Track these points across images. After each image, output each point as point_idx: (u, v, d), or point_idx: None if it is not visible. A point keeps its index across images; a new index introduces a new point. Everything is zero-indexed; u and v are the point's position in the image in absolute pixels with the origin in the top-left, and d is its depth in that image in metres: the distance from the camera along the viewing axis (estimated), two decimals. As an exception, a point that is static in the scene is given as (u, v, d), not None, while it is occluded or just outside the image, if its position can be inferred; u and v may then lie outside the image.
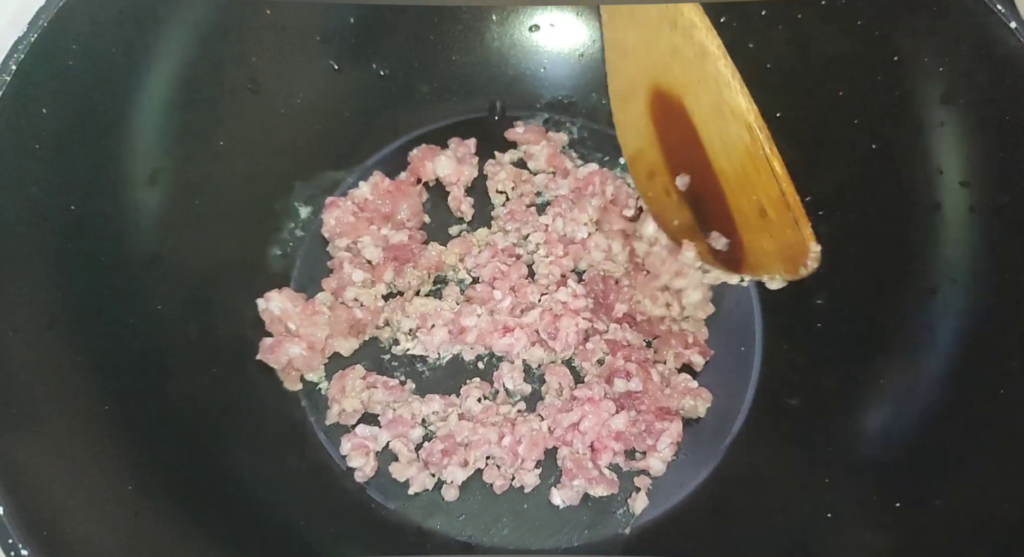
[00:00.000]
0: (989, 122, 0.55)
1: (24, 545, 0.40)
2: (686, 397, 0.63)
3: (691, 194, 0.58)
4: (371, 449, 0.62)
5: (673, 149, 0.57)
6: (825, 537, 0.54)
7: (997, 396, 0.50)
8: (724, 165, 0.55)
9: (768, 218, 0.55)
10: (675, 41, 0.52)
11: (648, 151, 0.58)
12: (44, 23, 0.50)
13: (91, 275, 0.54)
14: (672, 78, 0.53)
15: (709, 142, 0.54)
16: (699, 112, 0.54)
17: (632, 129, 0.58)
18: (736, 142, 0.53)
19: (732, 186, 0.55)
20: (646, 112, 0.56)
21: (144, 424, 0.53)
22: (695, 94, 0.53)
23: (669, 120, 0.56)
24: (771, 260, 0.58)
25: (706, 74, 0.52)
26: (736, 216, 0.57)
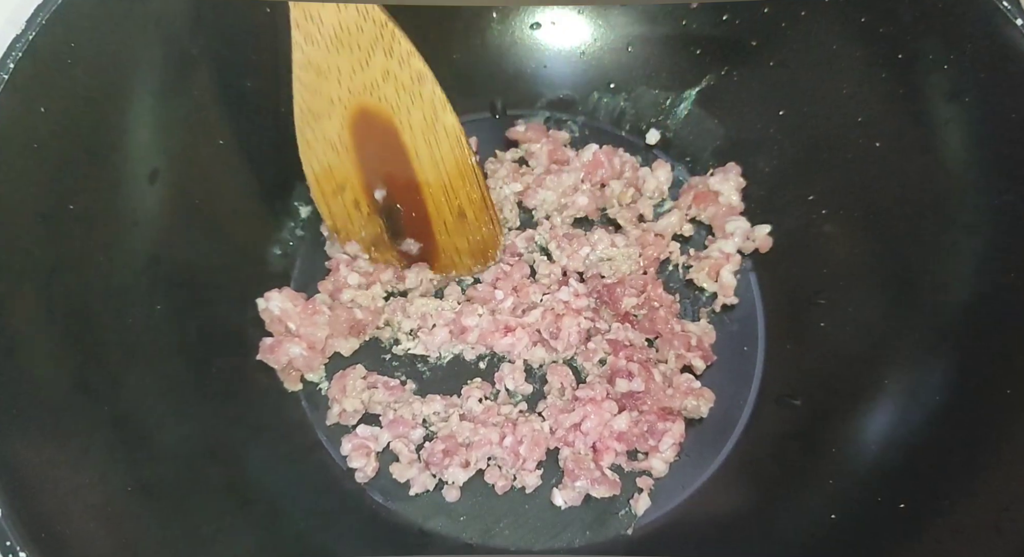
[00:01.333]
0: (994, 120, 0.54)
1: (22, 547, 0.39)
2: (688, 397, 0.62)
3: (385, 206, 0.64)
4: (372, 449, 0.62)
5: (371, 164, 0.62)
6: (829, 538, 0.54)
7: (1003, 396, 0.50)
8: (430, 177, 0.62)
9: (467, 219, 0.64)
10: (390, 66, 0.57)
11: (340, 167, 0.62)
12: (42, 21, 0.49)
13: (90, 275, 0.54)
14: (381, 99, 0.58)
15: (417, 157, 0.61)
16: (410, 130, 0.60)
17: (322, 146, 0.61)
18: (447, 155, 0.60)
19: (435, 195, 0.63)
20: (344, 129, 0.60)
21: (143, 425, 0.53)
22: (408, 114, 0.59)
23: (372, 137, 0.60)
24: (461, 257, 0.67)
25: (422, 96, 0.58)
26: (434, 222, 0.64)
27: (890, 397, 0.57)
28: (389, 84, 0.58)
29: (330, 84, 0.58)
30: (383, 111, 0.59)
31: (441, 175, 0.61)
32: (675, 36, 0.70)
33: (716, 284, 0.68)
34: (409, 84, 0.58)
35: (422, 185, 0.62)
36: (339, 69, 0.57)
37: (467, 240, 0.65)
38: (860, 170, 0.62)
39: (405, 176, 0.62)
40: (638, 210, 0.71)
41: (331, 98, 0.59)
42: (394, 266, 0.67)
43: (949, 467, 0.51)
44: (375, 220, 0.64)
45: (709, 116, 0.72)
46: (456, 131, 0.60)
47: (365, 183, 0.63)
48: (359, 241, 0.66)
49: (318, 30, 0.56)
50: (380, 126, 0.59)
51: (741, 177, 0.69)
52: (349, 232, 0.66)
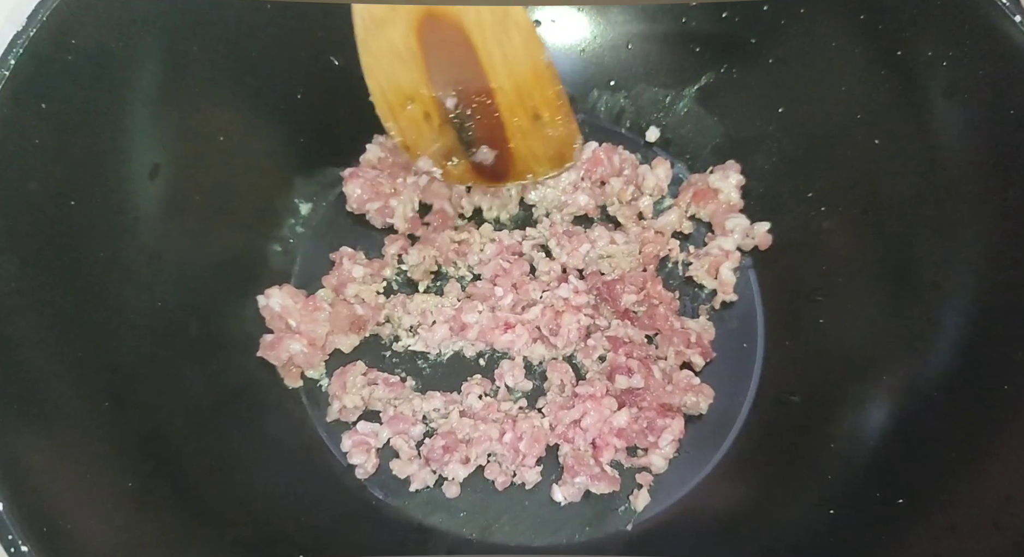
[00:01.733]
0: (992, 117, 0.54)
1: (24, 542, 0.40)
2: (688, 394, 0.63)
3: (457, 115, 0.60)
4: (372, 446, 0.62)
5: (440, 71, 0.58)
6: (828, 534, 0.54)
7: (1000, 391, 0.50)
8: (503, 79, 0.58)
9: (541, 120, 0.61)
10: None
11: (406, 77, 0.58)
12: (43, 18, 0.50)
13: (91, 271, 0.54)
14: (449, 1, 0.55)
15: (488, 59, 0.57)
16: (480, 31, 0.56)
17: (387, 55, 0.57)
18: (519, 53, 0.57)
19: (509, 98, 0.59)
20: (410, 35, 0.56)
21: (144, 421, 0.53)
22: (476, 12, 0.55)
23: (439, 43, 0.57)
24: (538, 162, 0.63)
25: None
26: (509, 127, 0.61)
27: (888, 393, 0.57)
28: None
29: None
30: (450, 11, 0.55)
31: (515, 76, 0.58)
32: (675, 34, 0.70)
33: (715, 281, 0.68)
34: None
35: (495, 89, 0.59)
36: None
37: (543, 142, 0.62)
38: (859, 167, 0.62)
39: (477, 80, 0.58)
40: (638, 208, 0.71)
41: (391, 3, 0.55)
42: (466, 183, 0.63)
43: (947, 463, 0.51)
44: (447, 130, 0.60)
45: (709, 113, 0.72)
46: (528, 26, 0.56)
47: (435, 91, 0.59)
48: (431, 155, 0.62)
49: None
50: (448, 28, 0.56)
51: (740, 174, 0.69)
52: (420, 146, 0.61)
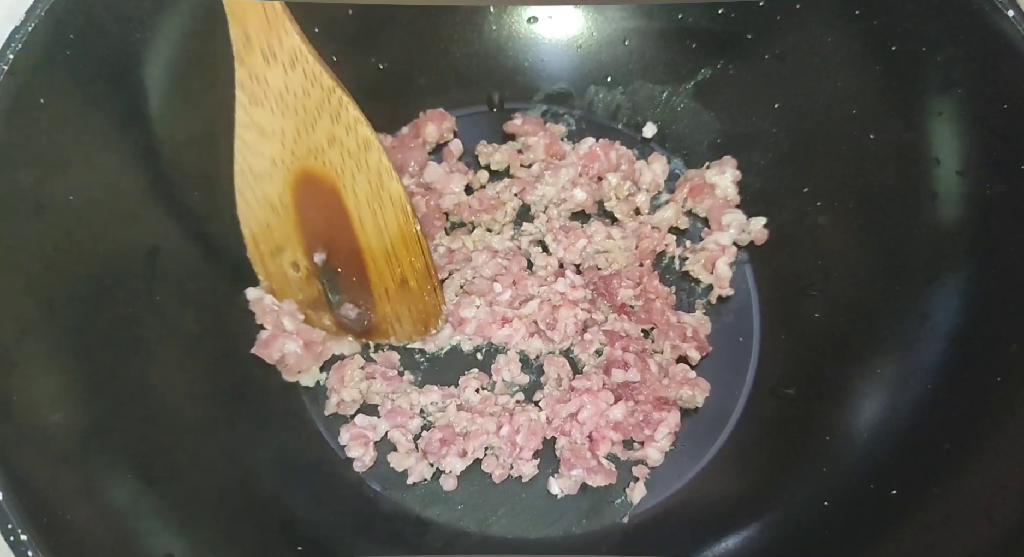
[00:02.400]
0: (987, 111, 0.55)
1: (24, 530, 0.40)
2: (684, 387, 0.63)
3: (325, 270, 0.62)
4: (370, 439, 0.62)
5: (313, 227, 0.61)
6: (823, 525, 0.54)
7: (994, 383, 0.50)
8: (373, 243, 0.61)
9: (408, 287, 0.62)
10: (336, 131, 0.56)
11: (279, 228, 0.61)
12: (41, 13, 0.50)
13: (90, 266, 0.54)
14: (326, 163, 0.57)
15: (359, 223, 0.60)
16: (354, 196, 0.59)
17: (262, 206, 0.60)
18: (391, 222, 0.59)
19: (377, 262, 0.61)
20: (286, 191, 0.59)
21: (143, 413, 0.53)
22: (353, 179, 0.58)
23: (314, 200, 0.59)
24: (401, 325, 0.64)
25: (368, 164, 0.57)
26: (375, 288, 0.62)
27: (882, 386, 0.57)
28: (335, 149, 0.57)
29: (273, 145, 0.57)
30: (327, 175, 0.58)
31: (384, 242, 0.60)
32: (671, 30, 0.70)
33: (712, 276, 0.68)
34: (355, 150, 0.57)
35: (364, 251, 0.61)
36: (283, 131, 0.56)
37: (408, 308, 0.63)
38: (854, 162, 0.63)
39: (347, 241, 0.60)
40: (635, 203, 0.71)
41: (274, 159, 0.58)
42: (326, 332, 0.64)
43: (940, 454, 0.51)
44: (313, 282, 0.62)
45: (705, 109, 0.72)
46: (401, 199, 0.58)
47: (305, 245, 0.61)
48: (296, 302, 0.64)
49: (264, 92, 0.55)
50: (323, 190, 0.58)
51: (737, 170, 0.70)
52: (286, 293, 0.63)
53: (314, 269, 0.62)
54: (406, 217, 0.59)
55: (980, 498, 0.48)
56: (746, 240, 0.69)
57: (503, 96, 0.75)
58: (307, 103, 0.55)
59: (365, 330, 0.64)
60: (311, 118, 0.56)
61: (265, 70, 0.54)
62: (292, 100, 0.55)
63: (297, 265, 0.62)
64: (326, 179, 0.58)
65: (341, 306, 0.63)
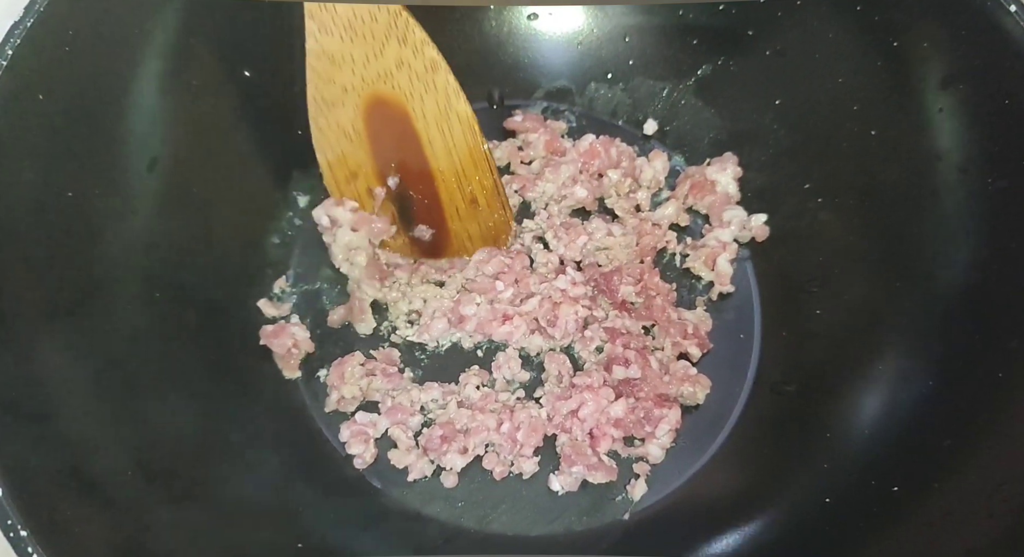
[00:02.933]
0: (988, 107, 0.54)
1: (23, 526, 0.40)
2: (685, 384, 0.63)
3: (398, 194, 0.64)
4: (371, 436, 0.62)
5: (384, 152, 0.63)
6: (823, 522, 0.54)
7: (994, 379, 0.50)
8: (443, 164, 0.63)
9: (478, 206, 0.65)
10: (404, 55, 0.58)
11: (353, 155, 0.63)
12: (40, 8, 0.50)
13: (88, 263, 0.54)
14: (395, 87, 0.59)
15: (430, 144, 0.62)
16: (423, 118, 0.61)
17: (335, 134, 0.62)
18: (460, 143, 0.61)
19: (448, 182, 0.64)
20: (358, 117, 0.61)
21: (142, 410, 0.53)
22: (421, 101, 0.60)
23: (385, 125, 0.61)
24: (473, 243, 0.67)
25: (436, 85, 0.59)
26: (447, 208, 0.65)
27: (883, 382, 0.57)
28: (403, 72, 0.58)
29: (344, 73, 0.58)
30: (396, 99, 0.59)
31: (454, 162, 0.62)
32: (672, 26, 0.70)
33: (712, 273, 0.68)
34: (423, 72, 0.58)
35: (435, 172, 0.63)
36: (353, 58, 0.58)
37: (479, 226, 0.66)
38: (855, 158, 0.63)
39: (418, 163, 0.62)
40: (635, 200, 0.71)
41: (344, 86, 0.59)
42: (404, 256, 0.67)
43: (941, 451, 0.51)
44: (388, 206, 0.65)
45: (706, 106, 0.72)
46: (469, 119, 0.60)
47: (378, 171, 0.63)
48: (373, 225, 0.66)
49: (332, 19, 0.56)
50: (393, 114, 0.60)
51: (738, 166, 0.70)
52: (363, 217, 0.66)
53: (388, 193, 0.64)
54: (474, 136, 0.61)
55: (981, 494, 0.48)
56: (747, 237, 0.69)
57: (503, 93, 0.75)
58: (375, 28, 0.56)
59: (439, 250, 0.67)
60: (379, 43, 0.57)
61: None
62: (360, 26, 0.56)
63: (371, 191, 0.64)
64: (396, 103, 0.60)
65: (415, 227, 0.65)
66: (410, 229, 0.66)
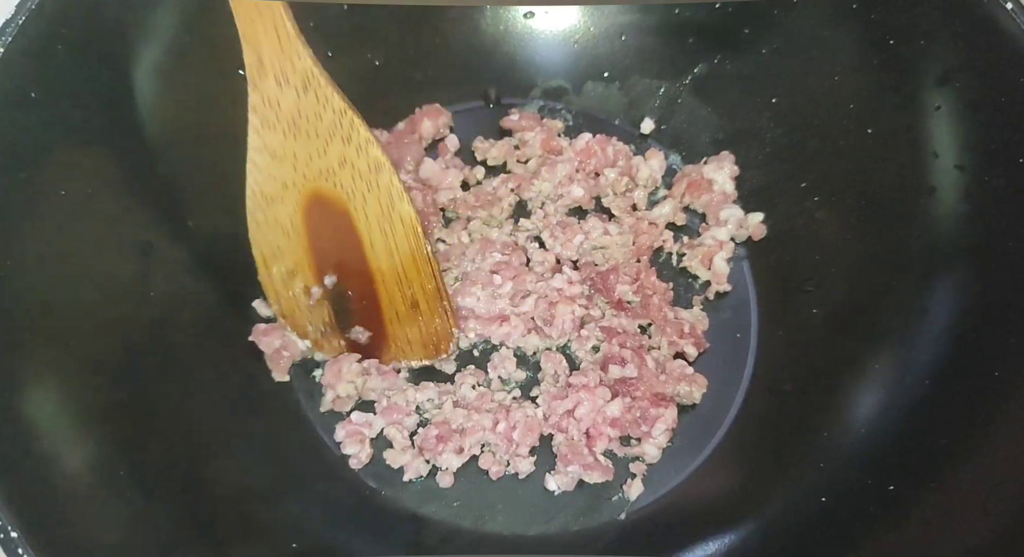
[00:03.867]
0: (985, 105, 0.54)
1: (14, 528, 0.40)
2: (681, 383, 0.63)
3: (336, 293, 0.62)
4: (366, 436, 0.62)
5: (323, 250, 0.61)
6: (820, 521, 0.54)
7: (992, 378, 0.50)
8: (384, 265, 0.60)
9: (419, 310, 0.62)
10: (347, 153, 0.56)
11: (291, 251, 0.61)
12: (32, 6, 0.49)
13: (83, 263, 0.54)
14: (337, 185, 0.58)
15: (371, 245, 0.60)
16: (365, 218, 0.59)
17: (273, 229, 0.60)
18: (402, 244, 0.59)
19: (388, 284, 0.61)
20: (297, 213, 0.59)
21: (136, 410, 0.53)
22: (364, 201, 0.58)
23: (325, 223, 0.59)
24: (414, 347, 0.64)
25: (379, 185, 0.58)
26: (386, 311, 0.62)
27: (879, 382, 0.57)
28: (346, 171, 0.57)
29: (285, 169, 0.57)
30: (338, 197, 0.58)
31: (395, 264, 0.60)
32: (668, 24, 0.70)
33: (709, 272, 0.68)
34: (366, 172, 0.57)
35: (375, 273, 0.61)
36: (295, 155, 0.57)
37: (419, 331, 0.63)
38: (852, 157, 0.63)
39: (357, 263, 0.60)
40: (632, 199, 0.71)
41: (285, 182, 0.58)
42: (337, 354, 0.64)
43: (937, 450, 0.51)
44: (324, 306, 0.62)
45: (703, 104, 0.72)
46: (412, 220, 0.58)
47: (316, 268, 0.61)
48: (303, 328, 0.63)
49: (276, 116, 0.55)
50: (334, 212, 0.58)
51: (735, 165, 0.70)
52: (296, 317, 0.63)
53: (325, 293, 0.62)
54: (417, 238, 0.59)
55: (977, 493, 0.48)
56: (744, 236, 0.69)
57: (499, 92, 0.75)
58: (319, 126, 0.55)
59: (376, 352, 0.64)
60: (323, 141, 0.56)
61: (278, 94, 0.55)
62: (304, 123, 0.55)
63: (308, 289, 0.62)
64: (337, 201, 0.58)
65: (351, 329, 0.63)
66: (347, 330, 0.63)
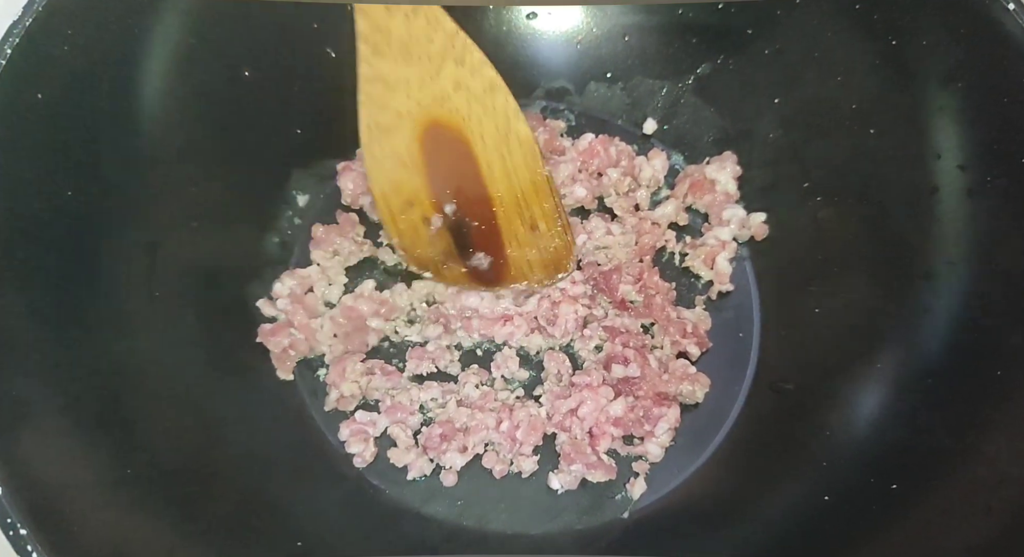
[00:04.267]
0: (987, 105, 0.54)
1: (23, 525, 0.40)
2: (684, 383, 0.63)
3: (455, 222, 0.61)
4: (370, 435, 0.62)
5: (441, 179, 0.60)
6: (823, 520, 0.54)
7: (993, 376, 0.50)
8: (502, 189, 0.60)
9: (538, 231, 0.61)
10: (460, 76, 0.55)
11: (408, 183, 0.60)
12: (39, 8, 0.50)
13: (88, 263, 0.54)
14: (452, 110, 0.56)
15: (488, 169, 0.59)
16: (482, 141, 0.58)
17: (391, 162, 0.59)
18: (520, 166, 0.59)
19: (507, 208, 0.61)
20: (413, 143, 0.58)
21: (141, 408, 0.53)
22: (480, 124, 0.57)
23: (442, 151, 0.58)
24: (533, 270, 0.63)
25: (495, 106, 0.57)
26: (505, 235, 0.62)
27: (882, 380, 0.57)
28: (460, 95, 0.56)
29: (398, 97, 0.56)
30: (454, 122, 0.57)
31: (513, 187, 0.60)
32: (671, 25, 0.70)
33: (712, 271, 0.68)
34: (481, 94, 0.56)
35: (493, 198, 0.60)
36: (408, 81, 0.55)
37: (539, 252, 0.62)
38: (855, 157, 0.63)
39: (476, 189, 0.60)
40: (635, 199, 0.71)
41: (399, 111, 0.57)
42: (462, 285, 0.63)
43: (940, 449, 0.51)
44: (444, 235, 0.61)
45: (705, 105, 0.72)
46: (530, 141, 0.57)
47: (435, 198, 0.60)
48: (424, 260, 0.62)
49: (386, 42, 0.54)
50: (450, 138, 0.58)
51: (737, 165, 0.70)
52: (417, 249, 0.62)
53: (445, 221, 0.61)
54: (535, 159, 0.58)
55: (980, 492, 0.48)
56: (746, 235, 0.69)
57: (503, 92, 0.75)
58: (430, 49, 0.54)
59: (498, 278, 0.63)
60: (435, 65, 0.55)
61: (387, 19, 0.53)
62: (415, 47, 0.54)
63: (427, 219, 0.61)
64: (453, 127, 0.57)
65: (472, 256, 0.62)
66: (467, 258, 0.62)
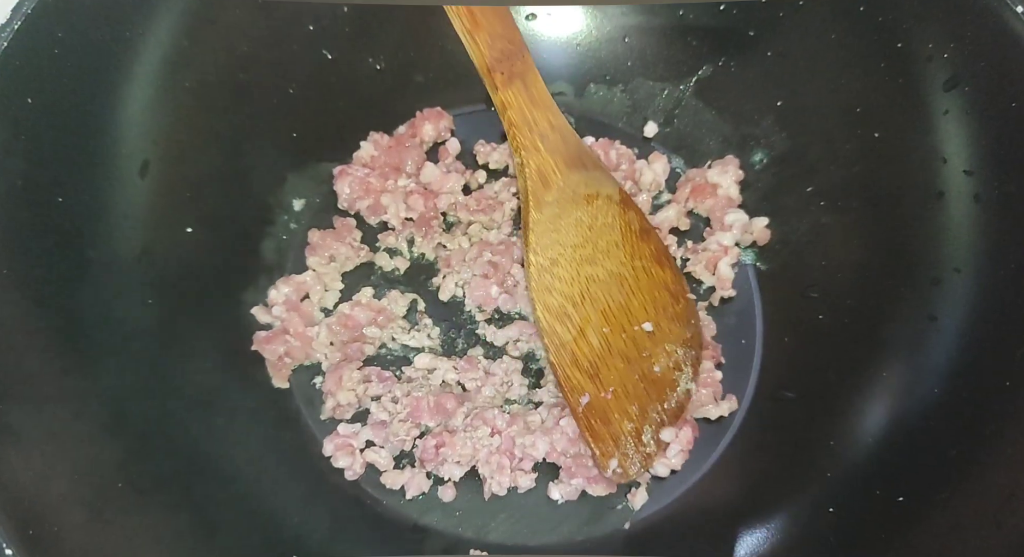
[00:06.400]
0: (994, 109, 0.54)
1: (8, 544, 0.39)
2: (710, 405, 0.62)
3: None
4: (355, 447, 0.61)
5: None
6: (827, 532, 0.54)
7: (1002, 387, 0.49)
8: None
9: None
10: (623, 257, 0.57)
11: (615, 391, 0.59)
12: (28, 10, 0.49)
13: (79, 269, 0.53)
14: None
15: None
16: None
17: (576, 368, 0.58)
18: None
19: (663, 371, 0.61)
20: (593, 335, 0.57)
21: (133, 420, 0.52)
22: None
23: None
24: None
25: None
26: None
27: (888, 389, 0.56)
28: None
29: (565, 285, 0.57)
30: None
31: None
32: (672, 27, 0.69)
33: (714, 277, 0.67)
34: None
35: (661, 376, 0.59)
36: (577, 272, 0.56)
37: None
38: (859, 161, 0.62)
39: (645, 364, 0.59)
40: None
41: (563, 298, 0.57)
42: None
43: (947, 460, 0.50)
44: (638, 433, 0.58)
45: (707, 107, 0.71)
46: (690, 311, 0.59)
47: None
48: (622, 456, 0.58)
49: (556, 227, 0.55)
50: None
51: (739, 169, 0.69)
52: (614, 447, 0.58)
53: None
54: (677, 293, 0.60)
55: (989, 505, 0.47)
56: (749, 240, 0.68)
57: (501, 94, 0.74)
58: (600, 230, 0.55)
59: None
60: (604, 242, 0.56)
61: (558, 215, 0.55)
62: (586, 232, 0.55)
63: (638, 431, 0.58)
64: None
65: (659, 432, 0.59)
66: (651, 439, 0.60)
